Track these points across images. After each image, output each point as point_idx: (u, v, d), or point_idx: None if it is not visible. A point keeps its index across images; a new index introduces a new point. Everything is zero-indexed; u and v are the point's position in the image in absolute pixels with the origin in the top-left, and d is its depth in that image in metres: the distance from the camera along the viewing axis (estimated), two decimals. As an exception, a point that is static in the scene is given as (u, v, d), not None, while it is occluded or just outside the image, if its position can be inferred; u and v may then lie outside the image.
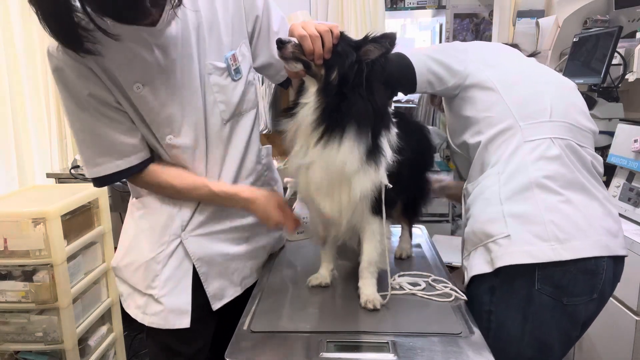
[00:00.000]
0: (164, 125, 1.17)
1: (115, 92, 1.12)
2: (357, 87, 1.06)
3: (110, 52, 1.06)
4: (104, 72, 1.10)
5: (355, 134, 1.05)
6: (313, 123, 1.07)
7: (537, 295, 1.10)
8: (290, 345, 1.00)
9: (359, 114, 1.06)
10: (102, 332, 2.16)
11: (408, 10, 4.12)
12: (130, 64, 1.09)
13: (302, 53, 1.07)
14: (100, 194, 2.12)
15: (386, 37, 1.06)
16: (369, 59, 1.07)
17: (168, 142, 1.18)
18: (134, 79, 1.11)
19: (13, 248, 1.80)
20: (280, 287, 1.28)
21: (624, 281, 1.23)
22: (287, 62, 1.09)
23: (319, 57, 1.06)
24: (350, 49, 1.07)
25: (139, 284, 1.25)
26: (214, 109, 1.21)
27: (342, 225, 1.16)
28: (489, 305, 1.15)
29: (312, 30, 1.05)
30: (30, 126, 2.87)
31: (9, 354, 1.93)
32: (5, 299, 1.83)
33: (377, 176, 1.09)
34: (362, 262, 1.18)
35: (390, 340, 0.99)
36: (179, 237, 1.24)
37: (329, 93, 1.07)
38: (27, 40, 2.80)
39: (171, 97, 1.15)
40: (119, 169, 1.18)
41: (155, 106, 1.14)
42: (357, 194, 1.09)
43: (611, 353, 1.84)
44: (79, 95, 1.10)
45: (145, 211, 1.27)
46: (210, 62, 1.19)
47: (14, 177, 2.78)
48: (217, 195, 1.23)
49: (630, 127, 1.94)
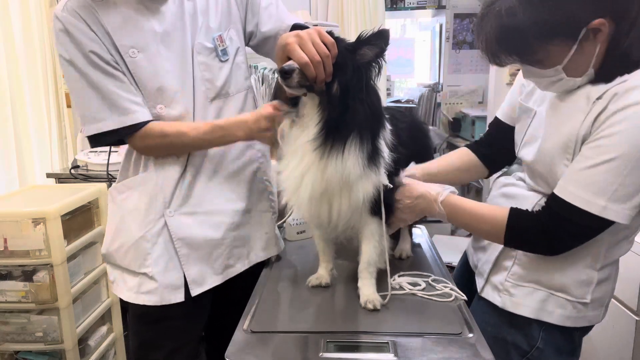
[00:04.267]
0: (156, 94, 1.22)
1: (115, 54, 1.19)
2: (357, 93, 1.05)
3: (108, 16, 1.16)
4: (104, 35, 1.17)
5: (359, 143, 1.05)
6: (317, 138, 1.06)
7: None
8: (290, 346, 1.00)
9: (360, 122, 1.05)
10: (102, 332, 2.16)
11: (408, 10, 4.12)
12: (126, 28, 1.18)
13: (305, 79, 1.04)
14: (100, 194, 2.12)
15: (380, 36, 1.05)
16: (365, 61, 1.06)
17: (159, 111, 1.23)
18: (130, 43, 1.18)
19: (13, 248, 1.80)
20: (280, 287, 1.28)
21: (624, 281, 1.23)
22: (292, 89, 1.07)
23: (322, 82, 1.05)
24: (348, 57, 1.06)
25: (131, 264, 1.28)
26: (200, 87, 1.27)
27: (339, 227, 1.16)
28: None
29: (313, 54, 1.01)
30: (30, 126, 2.87)
31: (9, 354, 1.93)
32: (5, 299, 1.83)
33: (377, 178, 1.09)
34: (361, 263, 1.18)
35: (390, 340, 0.99)
36: (163, 216, 1.26)
37: (331, 106, 1.06)
38: (27, 40, 2.80)
39: (165, 68, 1.21)
40: (122, 125, 1.20)
41: (149, 74, 1.20)
42: (360, 198, 1.09)
43: (611, 353, 1.84)
44: (83, 53, 1.16)
45: (128, 193, 1.30)
46: (199, 41, 1.26)
47: (14, 177, 2.78)
48: (215, 126, 1.24)
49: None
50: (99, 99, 1.19)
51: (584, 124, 1.01)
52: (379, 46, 1.05)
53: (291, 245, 1.58)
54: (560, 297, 1.12)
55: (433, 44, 4.59)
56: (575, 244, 1.06)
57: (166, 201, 1.26)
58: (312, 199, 1.10)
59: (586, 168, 0.99)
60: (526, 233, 1.09)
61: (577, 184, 1.01)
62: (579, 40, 0.97)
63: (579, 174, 1.01)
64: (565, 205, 1.01)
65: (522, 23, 0.96)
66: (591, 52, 0.99)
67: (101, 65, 1.17)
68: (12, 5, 2.72)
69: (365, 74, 1.06)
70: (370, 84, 1.08)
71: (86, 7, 1.16)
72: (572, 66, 1.01)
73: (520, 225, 1.09)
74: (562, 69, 1.01)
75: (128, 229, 1.28)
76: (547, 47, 0.99)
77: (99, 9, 1.16)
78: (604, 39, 0.98)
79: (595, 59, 1.00)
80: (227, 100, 1.31)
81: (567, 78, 1.03)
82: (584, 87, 1.04)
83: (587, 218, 0.99)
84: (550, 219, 1.04)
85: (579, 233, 1.04)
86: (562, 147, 1.06)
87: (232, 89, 1.32)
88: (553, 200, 1.04)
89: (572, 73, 1.02)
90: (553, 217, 1.04)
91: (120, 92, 1.19)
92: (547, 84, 1.07)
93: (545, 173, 1.11)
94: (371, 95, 1.08)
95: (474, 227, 1.19)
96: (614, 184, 0.96)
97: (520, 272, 1.16)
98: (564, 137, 1.05)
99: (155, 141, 1.23)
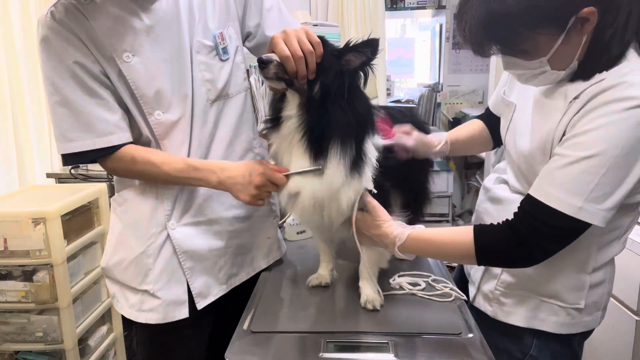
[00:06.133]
0: (153, 99, 1.16)
1: (104, 64, 1.12)
2: (338, 99, 1.04)
3: (99, 20, 1.08)
4: (93, 42, 1.10)
5: (340, 149, 1.04)
6: (299, 144, 1.07)
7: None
8: (290, 346, 1.00)
9: (341, 129, 1.04)
10: (102, 332, 2.16)
11: (408, 10, 4.12)
12: (118, 32, 1.10)
13: (284, 72, 1.04)
14: (100, 194, 2.12)
15: (368, 45, 1.04)
16: (351, 68, 1.05)
17: (157, 118, 1.17)
18: (123, 47, 1.11)
19: (13, 248, 1.80)
20: (280, 287, 1.28)
21: (624, 281, 1.23)
22: (269, 81, 1.07)
23: (303, 78, 1.04)
24: (333, 60, 1.05)
25: (131, 281, 1.23)
26: (200, 88, 1.21)
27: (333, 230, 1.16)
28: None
29: (296, 49, 1.01)
30: (30, 126, 2.87)
31: (9, 354, 1.93)
32: (5, 299, 1.83)
33: (359, 184, 1.08)
34: (362, 262, 1.18)
35: (390, 340, 0.99)
36: (166, 229, 1.22)
37: (311, 107, 1.05)
38: (27, 40, 2.80)
39: (161, 70, 1.15)
40: (95, 147, 1.14)
41: (145, 78, 1.14)
42: (344, 204, 1.09)
43: (611, 353, 1.84)
44: (63, 64, 1.10)
45: (127, 205, 1.25)
46: (198, 39, 1.20)
47: (14, 177, 2.78)
48: (190, 165, 1.17)
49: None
50: (73, 117, 1.12)
51: (561, 123, 0.98)
52: (365, 54, 1.04)
53: (291, 245, 1.58)
54: (553, 303, 1.09)
55: (433, 44, 4.58)
56: (553, 249, 0.99)
57: (168, 213, 1.22)
58: (304, 207, 1.10)
59: (562, 166, 0.95)
60: (498, 248, 1.02)
61: (551, 183, 0.95)
62: (567, 29, 0.93)
63: (554, 172, 0.96)
64: (538, 206, 0.96)
65: (512, 8, 0.91)
66: (577, 43, 0.96)
67: (84, 80, 1.11)
68: (12, 5, 2.72)
69: (348, 80, 1.05)
70: (358, 91, 1.07)
71: (73, 11, 1.08)
72: (557, 58, 0.97)
73: (488, 242, 1.02)
74: (547, 60, 0.97)
75: (128, 244, 1.23)
76: (535, 37, 0.95)
77: (87, 12, 1.08)
78: (590, 30, 0.95)
79: (580, 52, 0.97)
80: (228, 101, 1.27)
81: (551, 71, 0.99)
82: (563, 86, 1.01)
83: (561, 219, 0.94)
84: (522, 224, 0.98)
85: (555, 236, 0.97)
86: (540, 147, 1.03)
87: (232, 89, 1.27)
88: (527, 201, 0.99)
89: (557, 65, 0.99)
90: (526, 221, 0.98)
91: (98, 112, 1.13)
92: (529, 77, 1.03)
93: (528, 174, 1.09)
94: (356, 102, 1.06)
95: (445, 257, 1.14)
96: (591, 183, 0.91)
97: (509, 280, 1.14)
98: (543, 136, 1.02)
99: (124, 165, 1.18)
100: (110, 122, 1.14)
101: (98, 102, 1.13)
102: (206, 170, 1.17)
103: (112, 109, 1.15)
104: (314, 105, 1.05)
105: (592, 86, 0.94)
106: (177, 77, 1.17)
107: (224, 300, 1.31)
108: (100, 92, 1.13)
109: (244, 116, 1.31)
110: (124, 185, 1.27)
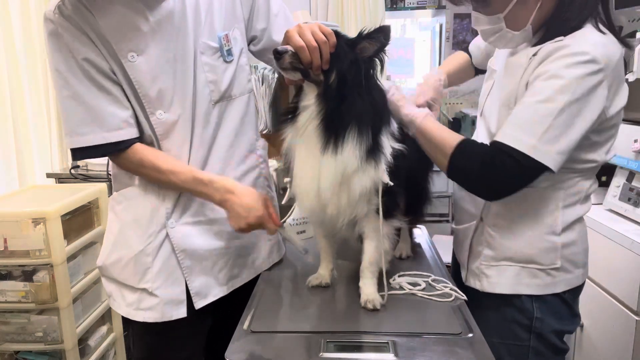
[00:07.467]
0: (156, 99, 1.16)
1: (110, 61, 1.13)
2: (356, 87, 1.06)
3: (105, 18, 1.09)
4: (100, 39, 1.11)
5: (357, 135, 1.06)
6: (316, 131, 1.07)
7: None
8: (290, 345, 1.00)
9: (358, 115, 1.06)
10: (102, 332, 2.16)
11: (408, 10, 4.12)
12: (123, 31, 1.11)
13: (299, 62, 1.06)
14: (100, 194, 2.12)
15: (380, 32, 1.07)
16: (366, 56, 1.07)
17: (158, 117, 1.17)
18: (129, 47, 1.12)
19: (13, 248, 1.80)
20: (280, 287, 1.28)
21: (624, 281, 1.23)
22: (285, 72, 1.09)
23: (317, 68, 1.06)
24: (347, 49, 1.07)
25: (129, 279, 1.23)
26: (204, 89, 1.21)
27: (340, 224, 1.16)
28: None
29: (310, 40, 1.03)
30: (30, 126, 2.87)
31: (9, 354, 1.93)
32: (5, 299, 1.83)
33: (376, 174, 1.09)
34: (364, 262, 1.18)
35: (390, 340, 0.99)
36: (165, 228, 1.22)
37: (329, 97, 1.07)
38: (27, 40, 2.80)
39: (165, 70, 1.16)
40: (106, 142, 1.15)
41: (149, 78, 1.14)
42: (357, 193, 1.09)
43: (611, 353, 1.84)
44: (73, 60, 1.10)
45: (127, 203, 1.25)
46: (203, 40, 1.20)
47: (14, 177, 2.78)
48: (196, 179, 1.18)
49: (630, 127, 1.93)
50: (83, 111, 1.13)
51: (522, 79, 1.08)
52: (379, 40, 1.07)
53: (291, 245, 1.58)
54: (531, 267, 1.17)
55: (433, 44, 4.58)
56: (510, 186, 1.08)
57: (168, 212, 1.22)
58: (324, 197, 1.10)
59: (521, 109, 1.05)
60: (468, 164, 1.10)
61: (510, 124, 1.06)
62: None
63: (513, 115, 1.06)
64: (500, 147, 1.05)
65: None
66: (532, 7, 1.07)
67: (93, 76, 1.12)
68: (12, 5, 2.72)
69: (364, 67, 1.07)
70: (374, 82, 1.10)
71: (80, 8, 1.09)
72: (511, 17, 1.08)
73: (467, 153, 1.10)
74: (502, 17, 1.08)
75: (127, 242, 1.23)
76: None
77: (94, 9, 1.09)
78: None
79: (537, 17, 1.07)
80: (231, 102, 1.27)
81: (506, 30, 1.10)
82: (526, 49, 1.11)
83: (518, 156, 1.02)
84: (490, 158, 1.07)
85: (512, 174, 1.06)
86: (506, 104, 1.12)
87: (235, 91, 1.27)
88: (492, 145, 1.08)
89: (511, 25, 1.10)
90: (493, 158, 1.06)
91: (108, 107, 1.14)
92: (489, 34, 1.14)
93: (496, 132, 1.12)
94: (373, 92, 1.09)
95: (429, 150, 1.19)
96: (544, 124, 1.00)
97: (491, 254, 1.22)
98: (507, 94, 1.13)
99: (132, 167, 1.21)
100: (120, 118, 1.16)
101: (108, 98, 1.14)
102: (212, 188, 1.19)
103: (122, 105, 1.16)
104: (332, 94, 1.07)
105: (551, 44, 1.05)
106: (180, 78, 1.18)
107: (224, 300, 1.31)
108: (110, 88, 1.15)
109: (247, 118, 1.32)
110: (124, 184, 1.27)
